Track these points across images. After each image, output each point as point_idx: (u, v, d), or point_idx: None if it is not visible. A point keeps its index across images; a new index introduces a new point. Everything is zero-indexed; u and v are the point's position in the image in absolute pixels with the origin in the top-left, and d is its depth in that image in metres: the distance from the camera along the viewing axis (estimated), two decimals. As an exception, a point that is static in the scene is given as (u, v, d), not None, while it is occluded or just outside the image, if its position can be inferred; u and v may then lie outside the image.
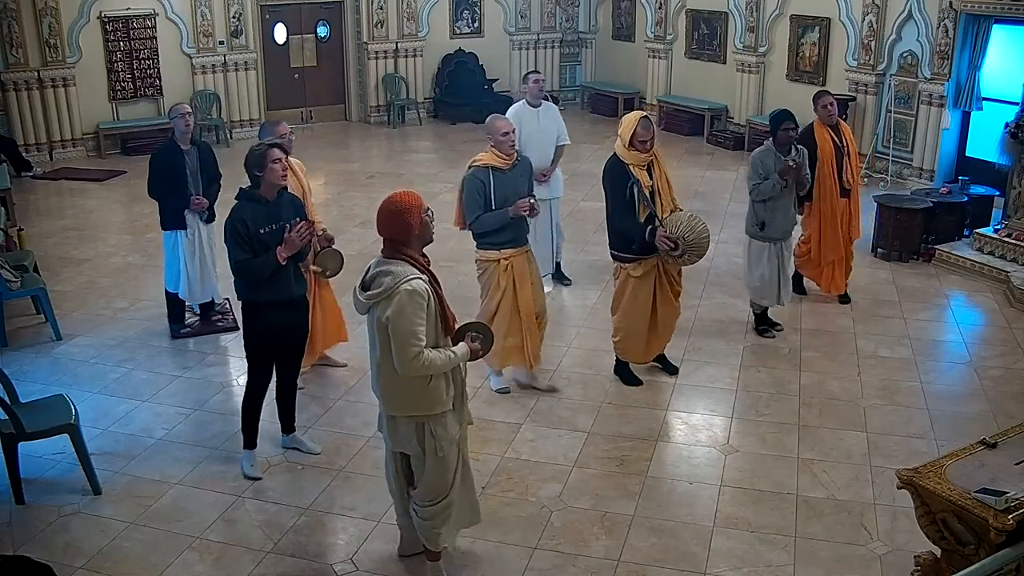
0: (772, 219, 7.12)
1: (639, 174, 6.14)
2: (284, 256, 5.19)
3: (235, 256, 5.20)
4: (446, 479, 4.39)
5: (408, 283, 4.05)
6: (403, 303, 4.03)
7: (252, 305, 5.36)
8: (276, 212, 5.29)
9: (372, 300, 4.13)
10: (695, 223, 6.13)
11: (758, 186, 7.05)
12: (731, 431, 6.10)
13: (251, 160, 5.24)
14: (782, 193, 7.06)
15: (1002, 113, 10.50)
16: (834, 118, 7.80)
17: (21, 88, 13.34)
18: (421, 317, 4.06)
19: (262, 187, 5.26)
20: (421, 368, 4.08)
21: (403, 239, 4.18)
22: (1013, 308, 8.10)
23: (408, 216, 4.16)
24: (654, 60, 16.19)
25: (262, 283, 5.25)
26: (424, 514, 4.45)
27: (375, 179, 12.74)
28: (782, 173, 6.96)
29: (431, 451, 4.31)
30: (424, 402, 4.24)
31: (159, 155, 7.31)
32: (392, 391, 4.27)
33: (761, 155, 7.15)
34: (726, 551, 4.89)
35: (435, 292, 4.20)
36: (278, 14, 15.54)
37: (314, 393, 6.61)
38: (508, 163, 6.15)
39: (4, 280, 7.40)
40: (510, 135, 6.13)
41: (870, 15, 12.20)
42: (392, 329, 4.05)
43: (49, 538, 5.00)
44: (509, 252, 6.23)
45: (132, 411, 6.37)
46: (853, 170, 7.90)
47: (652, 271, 6.36)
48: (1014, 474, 3.94)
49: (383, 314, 4.08)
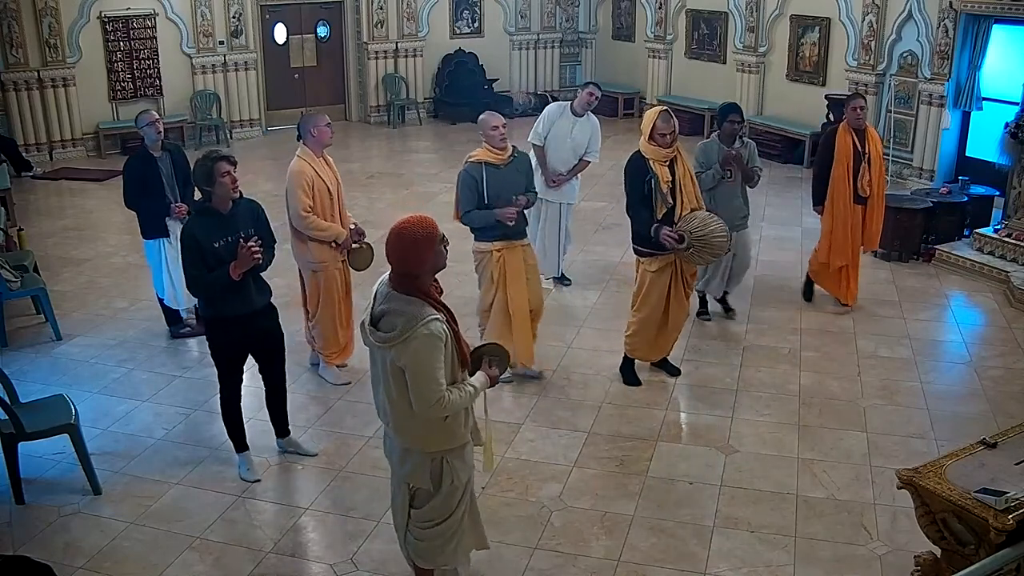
0: (714, 209, 6.93)
1: (660, 170, 6.15)
2: (237, 273, 5.08)
3: (187, 272, 5.16)
4: (450, 506, 4.18)
5: (425, 326, 3.75)
6: (421, 350, 3.74)
7: (213, 320, 5.31)
8: (232, 223, 5.19)
9: (385, 344, 3.82)
10: (710, 220, 6.13)
11: (700, 175, 7.01)
12: (731, 431, 6.10)
13: (199, 174, 5.12)
14: (724, 183, 7.20)
15: (1002, 113, 10.50)
16: (862, 122, 7.72)
17: (21, 88, 13.34)
18: (440, 360, 3.80)
19: (214, 200, 5.16)
20: (443, 411, 3.84)
21: (415, 272, 3.84)
22: (1013, 308, 8.10)
23: (424, 247, 3.81)
24: (654, 60, 16.18)
25: (220, 298, 5.18)
26: (420, 535, 4.22)
27: (375, 179, 12.74)
28: (723, 163, 7.12)
29: (446, 482, 4.09)
30: (443, 437, 4.03)
31: (133, 165, 7.27)
32: (408, 427, 4.00)
33: (705, 146, 7.37)
34: (726, 551, 4.89)
35: (451, 329, 3.90)
36: (278, 14, 15.54)
37: (314, 393, 6.61)
38: (502, 158, 6.26)
39: (4, 280, 7.40)
40: (499, 129, 6.24)
41: (870, 15, 12.20)
42: (411, 377, 3.79)
43: (49, 538, 5.00)
44: (501, 245, 6.31)
45: (132, 411, 6.37)
46: (873, 178, 7.72)
47: (668, 268, 6.35)
48: (1014, 474, 3.94)
49: (399, 360, 3.80)
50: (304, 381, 6.73)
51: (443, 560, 4.29)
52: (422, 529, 4.21)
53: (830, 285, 8.11)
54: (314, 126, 6.28)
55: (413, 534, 4.24)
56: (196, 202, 5.22)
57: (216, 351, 5.40)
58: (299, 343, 6.89)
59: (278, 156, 12.55)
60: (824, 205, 7.86)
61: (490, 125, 6.26)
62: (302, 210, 6.21)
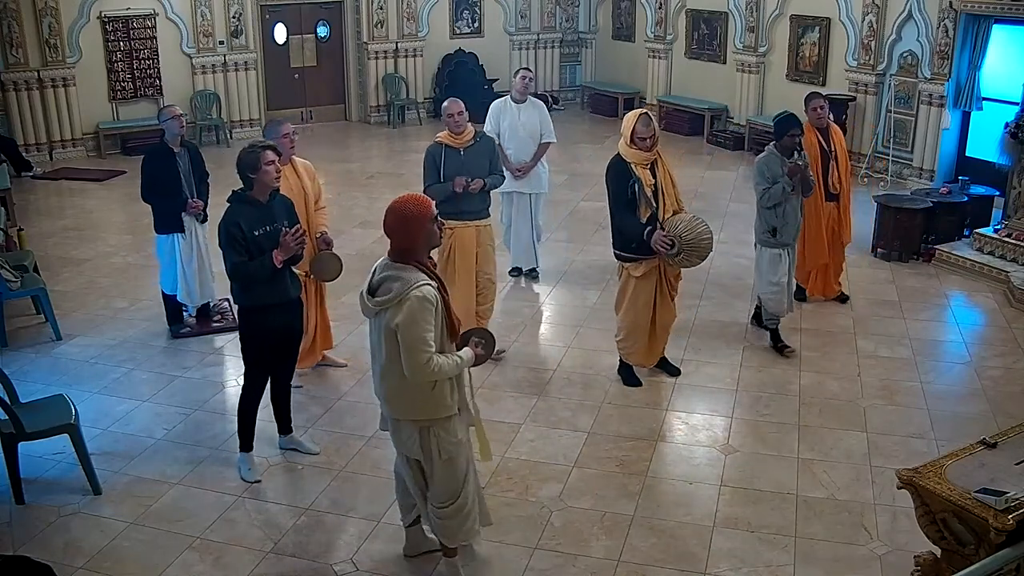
0: (783, 224, 6.95)
1: (641, 173, 6.13)
2: (280, 260, 5.18)
3: (231, 259, 5.18)
4: (457, 480, 4.39)
5: (418, 289, 4.03)
6: (414, 309, 4.01)
7: (250, 309, 5.35)
8: (270, 214, 5.28)
9: (381, 306, 4.09)
10: (696, 224, 6.12)
11: (768, 191, 6.87)
12: (731, 431, 6.10)
13: (244, 162, 5.20)
14: (791, 196, 6.93)
15: (1002, 113, 10.50)
16: (824, 121, 7.74)
17: (21, 88, 13.34)
18: (431, 323, 4.05)
19: (255, 189, 5.23)
20: (431, 374, 4.06)
21: (410, 245, 4.15)
22: (1013, 308, 8.10)
23: (415, 224, 4.12)
24: (654, 60, 16.18)
25: (259, 286, 5.24)
26: (440, 514, 4.45)
27: (375, 179, 12.75)
28: (790, 173, 6.83)
29: (436, 455, 4.30)
30: (429, 406, 4.23)
31: (152, 159, 7.26)
32: (397, 396, 4.25)
33: (766, 160, 6.99)
34: (726, 551, 4.89)
35: (443, 298, 4.18)
36: (278, 14, 15.54)
37: (314, 393, 6.61)
38: (459, 142, 6.70)
39: (4, 280, 7.40)
40: (454, 116, 6.66)
41: (870, 15, 12.20)
42: (402, 335, 4.02)
43: (49, 538, 5.00)
44: (453, 224, 6.54)
45: (132, 411, 6.37)
46: (841, 175, 7.81)
47: (653, 272, 6.35)
48: (1014, 474, 3.94)
49: (392, 320, 4.04)
50: (304, 381, 6.72)
51: (464, 536, 4.53)
52: (441, 509, 4.44)
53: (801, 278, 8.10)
54: (274, 136, 6.16)
55: (435, 514, 4.47)
56: (236, 192, 5.27)
57: (248, 340, 5.43)
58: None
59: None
60: None
61: (446, 112, 6.70)
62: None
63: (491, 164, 6.83)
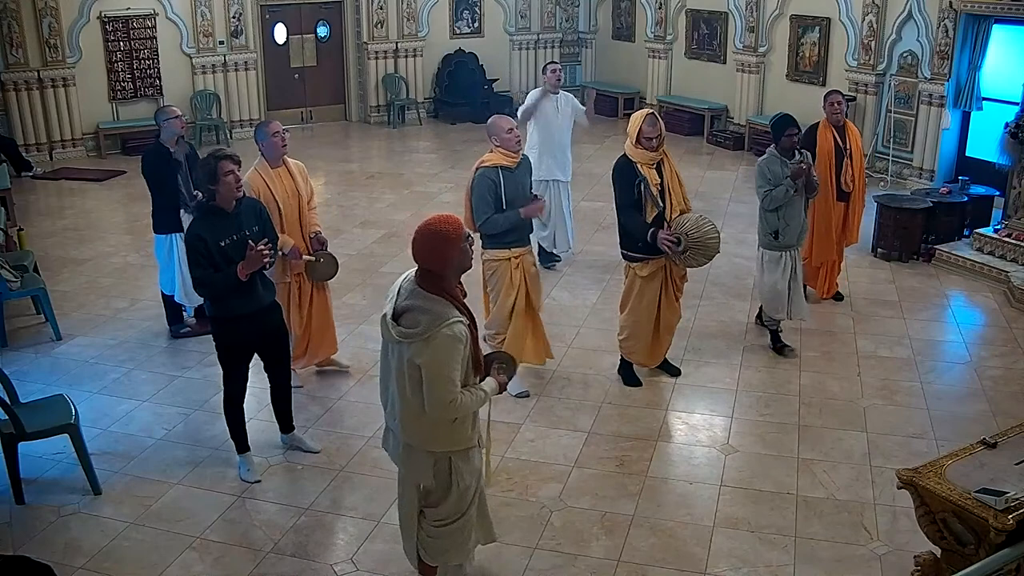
0: (786, 226, 6.92)
1: (647, 172, 6.13)
2: (245, 274, 5.10)
3: (194, 273, 5.16)
4: (464, 503, 4.21)
5: (448, 327, 3.79)
6: (441, 349, 3.78)
7: (221, 319, 5.31)
8: (236, 222, 5.20)
9: (406, 339, 3.83)
10: (703, 223, 6.11)
11: (770, 193, 6.82)
12: (731, 431, 6.10)
13: (203, 173, 5.14)
14: (793, 198, 6.88)
15: (1002, 113, 10.49)
16: (840, 118, 7.74)
17: (21, 88, 13.33)
18: (459, 363, 3.84)
19: (218, 199, 5.16)
20: (455, 413, 3.89)
21: (440, 271, 3.88)
22: (1013, 308, 8.10)
23: (447, 247, 3.85)
24: (654, 60, 16.18)
25: (229, 296, 5.18)
26: (433, 532, 4.25)
27: (375, 179, 12.74)
28: (794, 176, 6.78)
29: (454, 484, 4.12)
30: (449, 439, 4.05)
31: (148, 158, 7.26)
32: (415, 426, 4.03)
33: (767, 162, 6.92)
34: (726, 551, 4.89)
35: (471, 334, 3.95)
36: (278, 14, 15.54)
37: (314, 393, 6.61)
38: (516, 160, 6.21)
39: (4, 280, 7.40)
40: (514, 131, 6.18)
41: (870, 15, 12.20)
42: (428, 375, 3.81)
43: (49, 538, 5.00)
44: (519, 251, 6.28)
45: (132, 411, 6.37)
46: (855, 173, 7.81)
47: (659, 272, 6.35)
48: (1014, 474, 3.94)
49: (417, 355, 3.81)
50: (304, 381, 6.72)
51: (452, 557, 4.32)
52: (436, 527, 4.23)
53: (811, 281, 8.14)
54: (262, 138, 6.14)
55: (426, 531, 4.26)
56: (199, 203, 5.21)
57: (222, 350, 5.41)
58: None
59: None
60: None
61: (504, 128, 6.14)
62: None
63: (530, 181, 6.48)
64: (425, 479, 4.12)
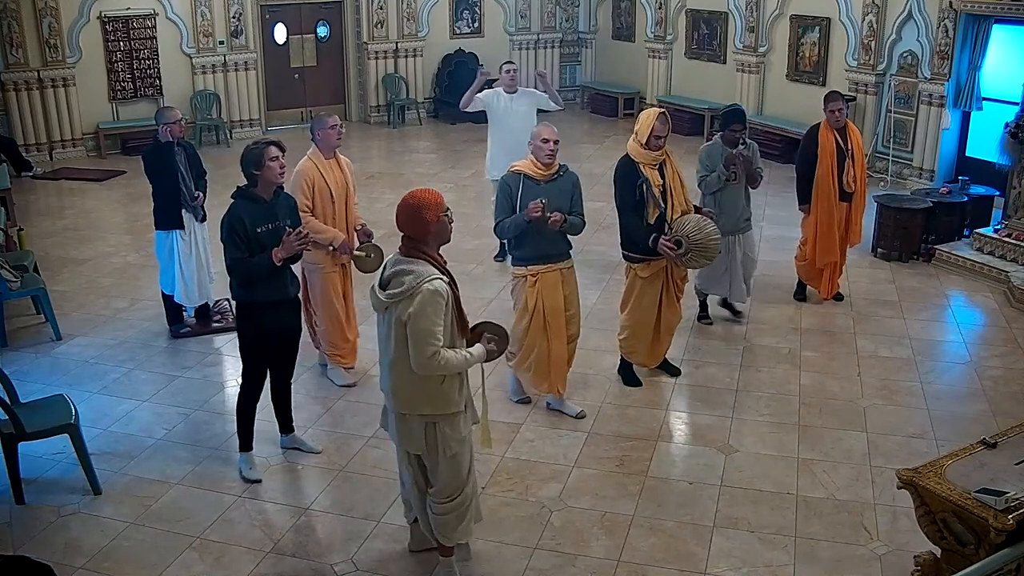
0: (719, 212, 7.04)
1: (650, 173, 6.13)
2: (280, 258, 5.18)
3: (231, 254, 5.19)
4: (460, 476, 4.40)
5: (430, 282, 4.06)
6: (424, 302, 4.04)
7: (248, 306, 5.34)
8: (273, 211, 5.29)
9: (393, 299, 4.11)
10: (704, 224, 6.11)
11: (705, 178, 7.26)
12: (731, 431, 6.10)
13: (249, 158, 5.22)
14: (729, 185, 7.22)
15: (1002, 113, 10.49)
16: (841, 123, 7.77)
17: (21, 88, 13.33)
18: (440, 317, 4.08)
19: (259, 186, 5.24)
20: (437, 367, 4.09)
21: (420, 236, 4.18)
22: (1013, 308, 8.10)
23: (425, 212, 4.15)
24: (654, 60, 16.18)
25: (257, 283, 5.24)
26: (439, 510, 4.45)
27: (375, 179, 12.74)
28: (727, 164, 7.15)
29: (441, 451, 4.31)
30: (436, 402, 4.25)
31: (148, 154, 7.27)
32: (404, 389, 4.26)
33: (708, 149, 7.41)
34: (726, 551, 4.89)
35: (453, 293, 4.20)
36: (278, 14, 15.54)
37: (314, 393, 6.61)
38: (544, 174, 5.83)
39: (4, 280, 7.40)
40: (550, 143, 5.77)
41: (870, 15, 12.20)
42: (411, 327, 4.06)
43: (49, 538, 5.00)
44: (537, 269, 5.91)
45: (132, 411, 6.37)
46: (857, 174, 7.82)
47: (660, 273, 6.35)
48: (1014, 474, 3.94)
49: (403, 312, 4.07)
50: (304, 381, 6.72)
51: (461, 534, 4.52)
52: (440, 504, 4.44)
53: (814, 280, 8.17)
54: (320, 128, 6.34)
55: (433, 510, 4.46)
56: (240, 188, 5.28)
57: (245, 337, 5.43)
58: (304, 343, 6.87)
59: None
60: (808, 204, 7.89)
61: (541, 137, 5.80)
62: (299, 210, 6.21)
63: (573, 202, 5.92)
64: (417, 446, 4.34)
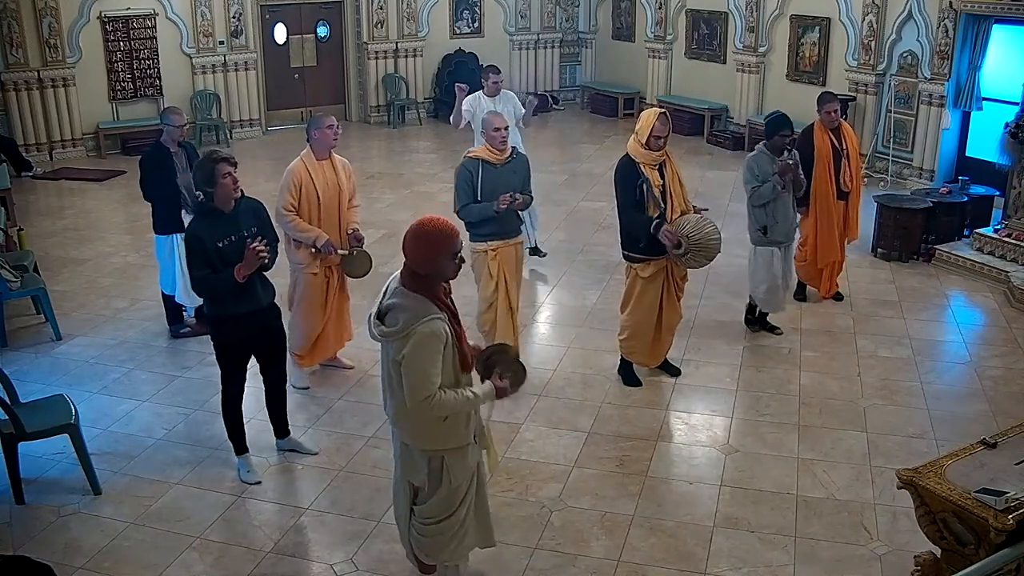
0: (774, 222, 7.11)
1: (650, 174, 6.14)
2: (243, 275, 5.10)
3: (193, 273, 5.18)
4: (453, 504, 4.20)
5: (426, 324, 3.81)
6: (419, 345, 3.80)
7: (219, 319, 5.32)
8: (235, 223, 5.20)
9: (386, 338, 3.92)
10: (703, 224, 6.11)
11: (757, 189, 7.03)
12: (731, 431, 6.10)
13: (200, 176, 5.14)
14: (781, 194, 7.05)
15: (1002, 113, 10.49)
16: (835, 123, 7.81)
17: (21, 88, 13.33)
18: (437, 359, 3.84)
19: (216, 200, 5.17)
20: (431, 410, 3.88)
21: (424, 272, 3.89)
22: (1013, 308, 8.10)
23: (436, 254, 3.86)
24: (654, 60, 16.18)
25: (227, 296, 5.19)
26: (423, 530, 4.27)
27: (375, 179, 12.74)
28: (781, 172, 6.95)
29: (445, 484, 4.13)
30: (441, 437, 4.06)
31: (148, 157, 7.28)
32: (407, 424, 4.07)
33: (755, 159, 7.12)
34: (726, 551, 4.89)
35: (454, 331, 3.95)
36: (278, 14, 15.54)
37: (314, 393, 6.61)
38: (499, 159, 6.36)
39: (4, 280, 7.40)
40: (501, 131, 6.32)
41: (870, 15, 12.20)
42: (405, 370, 3.85)
43: (49, 538, 5.00)
44: (496, 244, 6.40)
45: (132, 411, 6.37)
46: (853, 173, 7.90)
47: (660, 273, 6.35)
48: (1014, 474, 3.94)
49: (398, 353, 3.87)
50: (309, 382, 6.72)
51: (444, 557, 4.34)
52: (424, 525, 4.26)
53: (814, 279, 8.19)
54: (317, 128, 6.32)
55: (416, 529, 4.30)
56: (198, 203, 5.21)
57: (220, 350, 5.41)
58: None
59: (278, 156, 12.53)
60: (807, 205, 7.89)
61: (492, 126, 6.36)
62: (283, 208, 6.29)
63: (524, 182, 6.49)
64: (418, 478, 4.16)
